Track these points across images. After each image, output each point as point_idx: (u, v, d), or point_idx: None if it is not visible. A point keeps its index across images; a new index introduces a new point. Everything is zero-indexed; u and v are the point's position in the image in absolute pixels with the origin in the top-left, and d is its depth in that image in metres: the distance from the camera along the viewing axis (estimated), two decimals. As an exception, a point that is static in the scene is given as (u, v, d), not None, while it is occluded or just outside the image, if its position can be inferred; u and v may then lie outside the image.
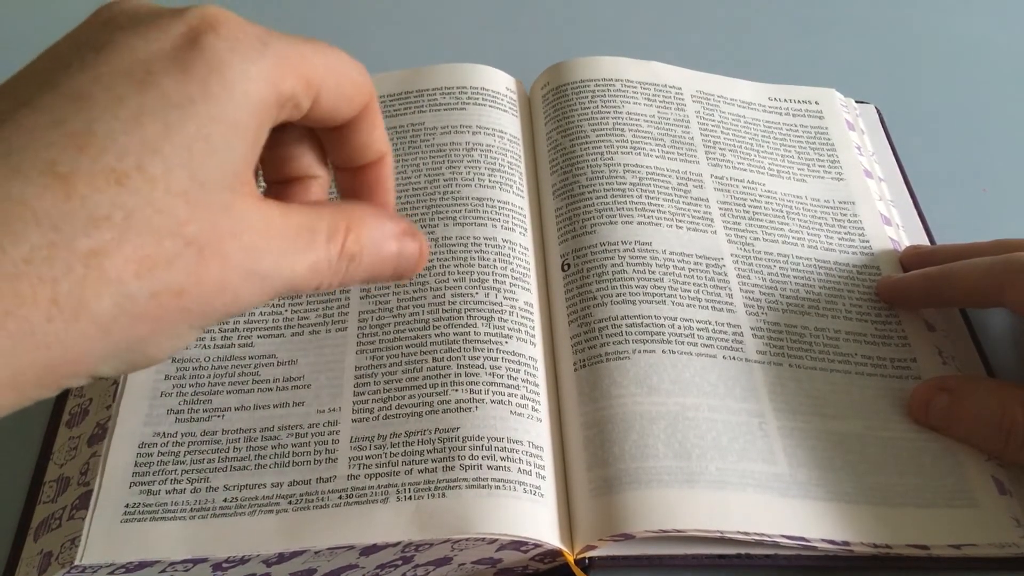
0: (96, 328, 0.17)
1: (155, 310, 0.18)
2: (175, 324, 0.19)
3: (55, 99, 0.18)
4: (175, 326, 0.19)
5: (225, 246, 0.19)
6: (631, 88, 0.40)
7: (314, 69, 0.21)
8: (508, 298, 0.33)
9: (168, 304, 0.18)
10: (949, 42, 0.50)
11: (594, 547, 0.27)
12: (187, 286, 0.18)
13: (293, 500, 0.28)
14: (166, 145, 0.18)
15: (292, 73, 0.20)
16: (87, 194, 0.17)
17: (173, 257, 0.18)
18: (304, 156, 0.24)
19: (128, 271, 0.17)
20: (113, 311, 0.17)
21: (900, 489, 0.29)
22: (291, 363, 0.31)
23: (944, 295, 0.32)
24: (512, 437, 0.29)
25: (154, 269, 0.18)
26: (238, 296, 0.19)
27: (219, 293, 0.19)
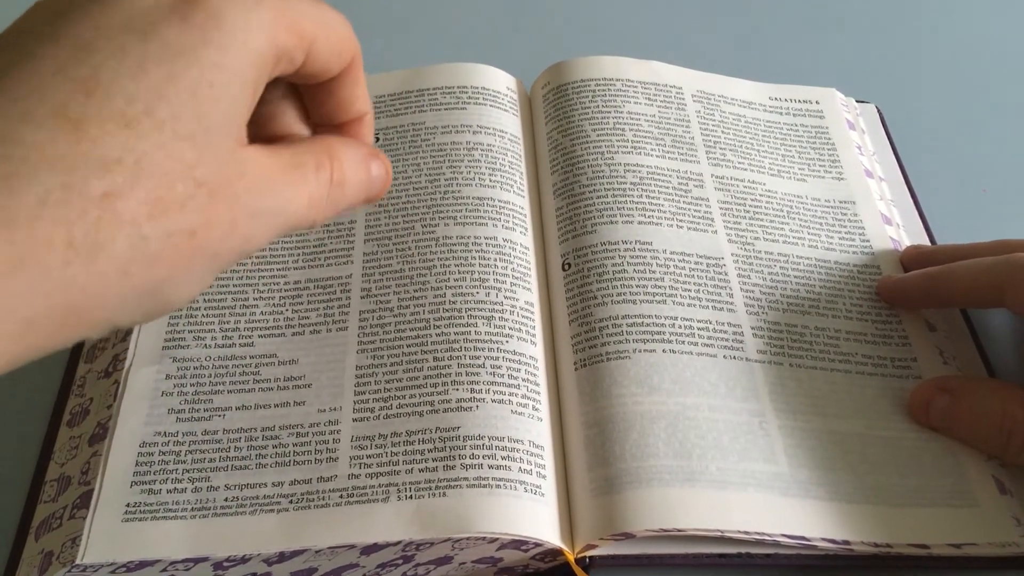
0: (114, 271, 0.17)
1: (170, 252, 0.18)
2: (190, 267, 0.19)
3: (58, 49, 0.18)
4: (190, 269, 0.19)
5: (233, 187, 0.20)
6: (632, 88, 0.41)
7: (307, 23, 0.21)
8: (509, 297, 0.33)
9: (182, 246, 0.19)
10: (949, 42, 0.50)
11: (594, 546, 0.28)
12: (199, 227, 0.19)
13: (294, 499, 0.28)
14: (171, 90, 0.18)
15: (287, 26, 0.20)
16: (98, 137, 0.17)
17: (185, 199, 0.18)
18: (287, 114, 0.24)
19: (142, 213, 0.18)
20: (129, 253, 0.18)
21: (901, 489, 0.29)
22: (292, 362, 0.32)
23: (944, 295, 0.33)
24: (513, 436, 0.29)
25: (167, 211, 0.18)
26: (247, 236, 0.20)
27: (230, 234, 0.20)
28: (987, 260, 0.30)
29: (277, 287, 0.34)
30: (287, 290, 0.34)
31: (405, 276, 0.34)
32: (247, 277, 0.34)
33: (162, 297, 0.19)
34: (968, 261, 0.31)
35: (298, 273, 0.34)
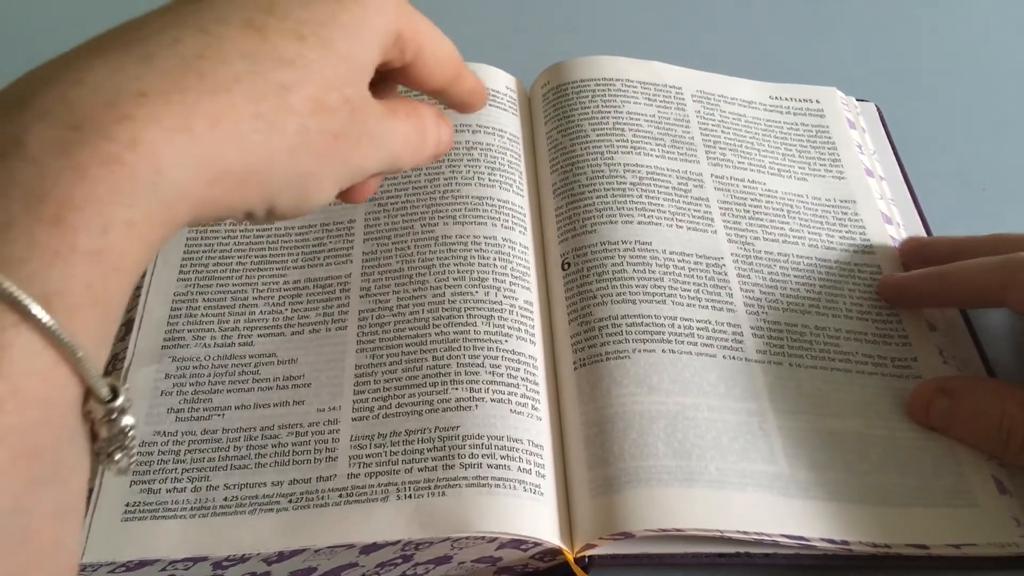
0: (285, 148, 0.22)
1: (321, 145, 0.23)
2: (330, 164, 0.24)
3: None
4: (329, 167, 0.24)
5: (364, 111, 0.24)
6: (631, 88, 0.41)
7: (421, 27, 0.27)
8: (508, 296, 0.33)
9: (328, 144, 0.23)
10: (949, 41, 0.50)
11: (594, 546, 0.28)
12: (340, 133, 0.23)
13: (293, 499, 0.28)
14: (332, 23, 0.23)
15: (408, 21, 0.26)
16: (277, 42, 0.22)
17: (336, 107, 0.23)
18: None
19: (307, 107, 0.22)
20: (296, 137, 0.22)
21: (900, 489, 0.29)
22: (291, 362, 0.32)
23: (945, 295, 0.33)
24: (512, 436, 0.29)
25: (323, 112, 0.23)
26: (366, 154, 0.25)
27: (357, 147, 0.24)
28: (988, 260, 0.30)
29: (276, 286, 0.34)
30: (286, 289, 0.34)
31: (404, 275, 0.34)
32: (246, 277, 0.34)
33: (308, 187, 0.23)
34: (968, 261, 0.31)
35: (297, 272, 0.34)
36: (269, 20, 0.22)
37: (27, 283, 0.17)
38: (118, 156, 0.18)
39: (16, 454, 0.17)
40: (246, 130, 0.21)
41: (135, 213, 0.19)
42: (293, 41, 0.22)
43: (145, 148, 0.19)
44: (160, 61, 0.20)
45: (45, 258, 0.17)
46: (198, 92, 0.20)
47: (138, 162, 0.19)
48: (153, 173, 0.19)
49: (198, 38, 0.21)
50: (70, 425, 0.19)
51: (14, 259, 0.17)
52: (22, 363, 0.17)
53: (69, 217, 0.18)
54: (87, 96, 0.19)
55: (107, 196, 0.18)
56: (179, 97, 0.20)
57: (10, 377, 0.17)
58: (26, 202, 0.18)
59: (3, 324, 0.17)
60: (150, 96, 0.19)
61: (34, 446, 0.17)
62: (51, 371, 0.18)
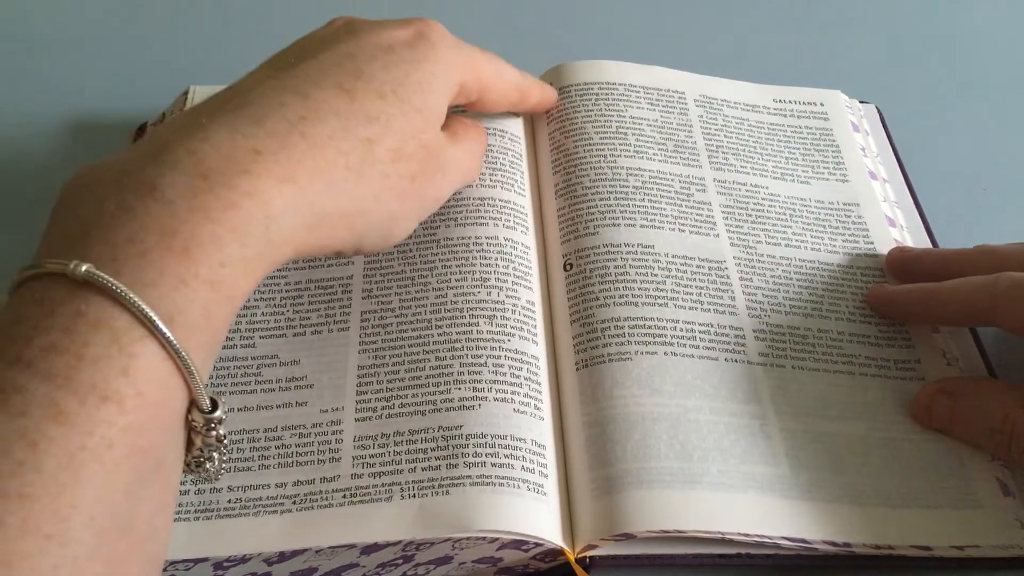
0: (371, 194, 0.26)
1: (400, 188, 0.27)
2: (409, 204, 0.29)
3: (332, 55, 0.28)
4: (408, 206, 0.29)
5: (438, 152, 0.30)
6: (634, 92, 0.41)
7: (485, 72, 0.33)
8: (510, 296, 0.33)
9: (406, 186, 0.28)
10: (950, 42, 0.50)
11: (595, 546, 0.28)
12: (417, 174, 0.28)
13: (297, 500, 0.28)
14: (407, 81, 0.28)
15: (472, 71, 0.32)
16: (363, 101, 0.27)
17: (413, 153, 0.28)
18: None
19: (388, 156, 0.27)
20: (379, 183, 0.27)
21: (903, 491, 0.30)
22: (294, 363, 0.32)
23: (934, 314, 0.33)
24: (515, 435, 0.30)
25: (402, 159, 0.27)
26: (439, 187, 0.31)
27: (431, 182, 0.29)
28: (977, 280, 0.31)
29: (278, 288, 0.34)
30: (288, 291, 0.34)
31: (406, 277, 0.34)
32: (249, 278, 0.35)
33: (392, 225, 0.28)
34: (958, 280, 0.31)
35: (299, 274, 0.35)
36: (357, 84, 0.27)
37: (155, 303, 0.20)
38: (238, 203, 0.22)
39: (132, 449, 0.19)
40: (338, 179, 0.25)
41: (248, 252, 0.22)
42: (376, 100, 0.27)
43: (260, 197, 0.23)
44: (270, 123, 0.24)
45: (171, 283, 0.21)
46: (301, 150, 0.24)
47: (254, 208, 0.22)
48: (265, 218, 0.23)
49: (300, 102, 0.25)
50: (175, 430, 0.22)
51: (146, 282, 0.20)
52: (145, 371, 0.20)
53: (194, 251, 0.21)
54: (211, 152, 0.23)
55: (227, 236, 0.22)
56: (285, 154, 0.24)
57: (135, 381, 0.20)
58: (160, 236, 0.21)
59: (132, 336, 0.20)
60: (263, 153, 0.23)
61: (147, 445, 0.20)
62: (167, 380, 0.20)
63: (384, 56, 0.28)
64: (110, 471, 0.19)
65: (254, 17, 0.51)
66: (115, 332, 0.20)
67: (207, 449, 0.23)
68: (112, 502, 0.19)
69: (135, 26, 0.50)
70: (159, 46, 0.49)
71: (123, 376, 0.19)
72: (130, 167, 0.22)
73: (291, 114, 0.25)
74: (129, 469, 0.19)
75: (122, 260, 0.20)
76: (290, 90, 0.26)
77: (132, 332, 0.20)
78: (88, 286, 0.20)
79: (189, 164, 0.22)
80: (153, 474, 0.20)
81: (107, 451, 0.19)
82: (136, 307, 0.20)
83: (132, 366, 0.20)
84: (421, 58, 0.29)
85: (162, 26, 0.50)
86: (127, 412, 0.19)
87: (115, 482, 0.19)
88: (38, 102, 0.45)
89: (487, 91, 0.33)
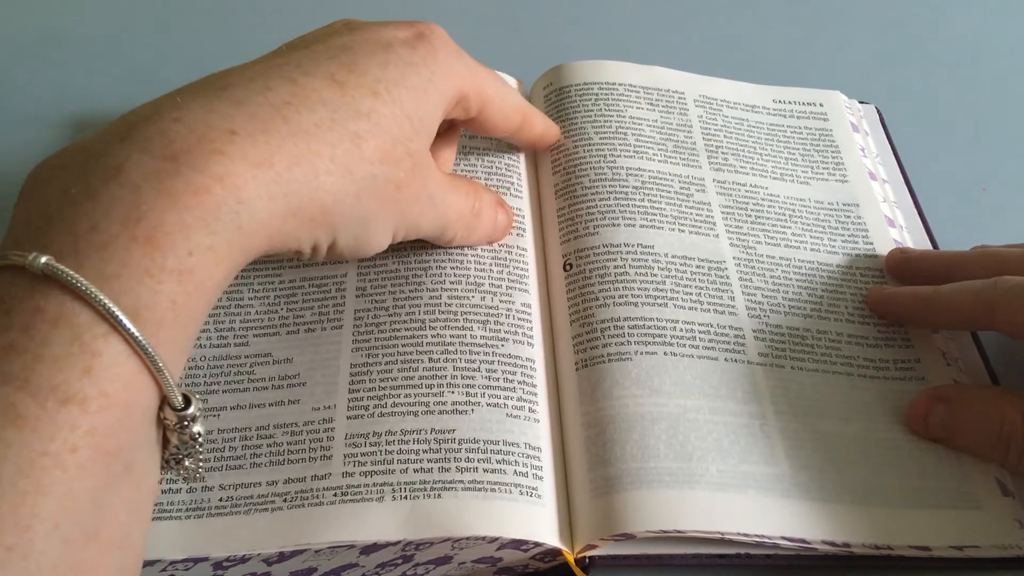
0: (352, 191, 0.25)
1: (384, 193, 0.26)
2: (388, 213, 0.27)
3: (327, 48, 0.27)
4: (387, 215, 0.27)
5: (425, 170, 0.28)
6: (634, 92, 0.42)
7: (487, 87, 0.31)
8: (504, 301, 0.34)
9: (391, 193, 0.27)
10: (950, 42, 0.51)
11: (594, 546, 0.28)
12: (403, 184, 0.27)
13: (288, 498, 0.29)
14: (402, 83, 0.27)
15: (473, 82, 0.31)
16: (355, 96, 0.26)
17: (400, 159, 0.27)
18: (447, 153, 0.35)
19: (376, 156, 0.26)
20: (364, 182, 0.25)
21: (902, 491, 0.30)
22: (287, 361, 0.33)
23: (933, 317, 0.34)
24: (508, 440, 0.30)
25: (389, 162, 0.26)
26: (422, 212, 0.29)
27: (415, 202, 0.28)
28: (976, 284, 0.31)
29: (272, 286, 0.35)
30: (282, 288, 0.35)
31: (400, 276, 0.35)
32: (242, 276, 0.35)
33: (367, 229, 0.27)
34: (957, 284, 0.32)
35: (293, 272, 0.35)
36: (350, 77, 0.26)
37: (119, 297, 0.19)
38: (208, 187, 0.21)
39: (97, 452, 0.19)
40: (321, 171, 0.24)
41: (217, 240, 0.21)
42: (369, 96, 0.26)
43: (232, 181, 0.22)
44: (251, 106, 0.23)
45: (136, 275, 0.20)
46: (282, 135, 0.23)
47: (225, 193, 0.21)
48: (236, 203, 0.22)
49: (287, 87, 0.24)
50: (146, 430, 0.21)
51: (109, 275, 0.19)
52: (109, 369, 0.19)
53: (160, 239, 0.20)
54: (183, 132, 0.22)
55: (195, 223, 0.21)
56: (264, 138, 0.23)
57: (98, 381, 0.19)
58: (123, 223, 0.20)
59: (95, 333, 0.19)
60: (240, 135, 0.22)
61: (113, 446, 0.19)
62: (134, 378, 0.20)
63: (383, 53, 0.27)
64: (74, 477, 0.18)
65: (256, 17, 0.52)
66: (76, 329, 0.19)
67: (183, 447, 0.22)
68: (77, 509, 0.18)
69: (135, 26, 0.51)
70: (159, 46, 0.49)
71: (86, 376, 0.19)
72: (97, 148, 0.21)
73: (275, 98, 0.24)
74: (95, 474, 0.19)
75: (84, 251, 0.19)
76: (277, 76, 0.25)
77: (94, 329, 0.19)
78: (48, 280, 0.19)
79: (158, 145, 0.21)
80: (121, 477, 0.20)
81: (70, 456, 0.18)
82: (98, 302, 0.19)
83: (95, 365, 0.19)
84: (419, 61, 0.28)
85: (163, 26, 0.51)
86: (91, 414, 0.19)
87: (80, 488, 0.18)
88: (38, 102, 0.45)
89: (488, 107, 0.32)
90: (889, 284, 0.37)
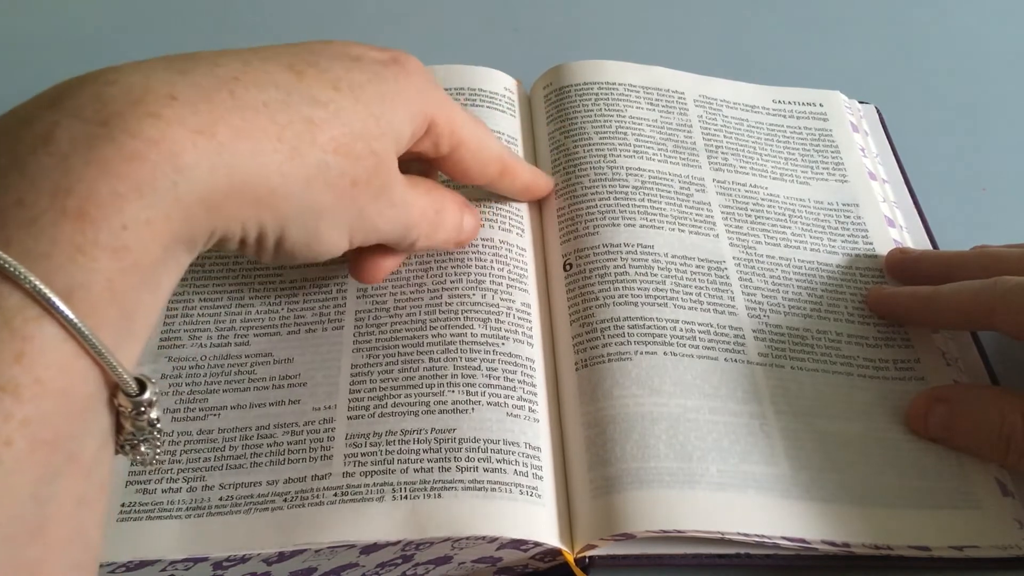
0: (303, 176, 0.24)
1: (339, 186, 0.25)
2: (343, 209, 0.26)
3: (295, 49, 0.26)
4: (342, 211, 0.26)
5: (390, 171, 0.27)
6: (634, 92, 0.42)
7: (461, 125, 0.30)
8: (505, 300, 0.34)
9: (346, 188, 0.25)
10: (950, 42, 0.52)
11: (594, 546, 0.29)
12: (361, 181, 0.25)
13: (288, 498, 0.29)
14: (369, 88, 0.26)
15: (444, 113, 0.29)
16: (313, 84, 0.25)
17: (361, 156, 0.25)
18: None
19: (330, 146, 0.24)
20: (315, 169, 0.24)
21: (902, 491, 0.30)
22: (287, 361, 0.33)
23: (933, 318, 0.34)
24: (508, 439, 0.30)
25: (346, 155, 0.25)
26: (380, 212, 0.27)
27: (374, 201, 0.26)
28: (976, 284, 0.31)
29: (273, 286, 0.35)
30: (283, 288, 0.35)
31: (401, 277, 0.35)
32: (243, 276, 0.35)
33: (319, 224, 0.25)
34: (957, 284, 0.32)
35: (294, 272, 0.36)
36: (310, 70, 0.25)
37: (50, 277, 0.18)
38: (141, 153, 0.20)
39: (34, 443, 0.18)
40: (267, 149, 0.22)
41: (154, 212, 0.20)
42: (328, 88, 0.25)
43: (167, 147, 0.20)
44: (196, 76, 0.22)
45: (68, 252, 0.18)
46: (227, 107, 0.22)
47: (160, 160, 0.20)
48: (173, 172, 0.20)
49: (239, 66, 0.23)
50: (91, 417, 0.20)
51: (38, 253, 0.18)
52: (43, 355, 0.18)
53: (91, 212, 0.19)
54: (118, 95, 0.20)
55: (129, 193, 0.19)
56: (207, 107, 0.21)
57: (31, 368, 0.18)
58: (52, 196, 0.19)
59: (26, 316, 0.18)
60: (179, 100, 0.21)
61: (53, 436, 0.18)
62: (71, 363, 0.19)
63: (351, 62, 0.26)
64: (10, 470, 0.17)
65: (258, 17, 0.52)
66: (6, 313, 0.18)
67: (140, 433, 0.21)
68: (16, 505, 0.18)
69: (136, 26, 0.51)
70: (159, 46, 0.49)
71: (17, 363, 0.18)
72: (28, 115, 0.20)
73: (223, 73, 0.23)
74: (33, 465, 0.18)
75: (12, 227, 0.18)
76: (232, 56, 0.24)
77: (26, 312, 0.18)
78: None
79: (91, 110, 0.20)
80: (65, 467, 0.19)
81: (5, 449, 0.17)
82: (28, 283, 0.18)
83: (27, 350, 0.18)
84: (390, 76, 0.27)
85: (163, 26, 0.51)
86: (24, 402, 0.17)
87: (18, 482, 0.18)
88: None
89: (461, 148, 0.30)
90: (889, 284, 0.37)
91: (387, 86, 0.27)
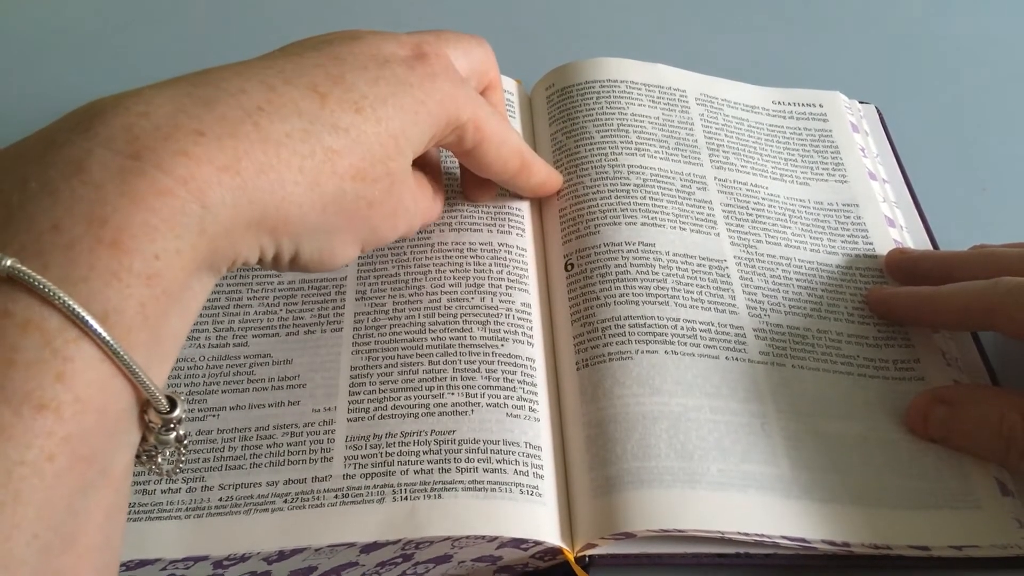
0: (319, 204, 0.25)
1: (353, 209, 0.26)
2: (357, 228, 0.27)
3: (318, 56, 0.27)
4: (355, 230, 0.27)
5: (404, 185, 0.28)
6: (635, 90, 0.43)
7: (486, 121, 0.31)
8: (504, 301, 0.35)
9: (361, 210, 0.27)
10: (950, 42, 0.52)
11: (595, 545, 0.29)
12: (375, 202, 0.27)
13: (288, 499, 0.29)
14: (391, 102, 0.27)
15: (471, 112, 0.30)
16: (335, 109, 0.25)
17: (377, 178, 0.27)
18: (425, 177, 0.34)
19: (348, 173, 0.25)
20: (332, 196, 0.25)
21: (902, 490, 0.31)
22: (286, 362, 0.33)
23: (933, 318, 0.34)
24: (508, 439, 0.31)
25: (363, 180, 0.26)
26: (394, 226, 0.29)
27: (389, 217, 0.28)
28: (976, 285, 0.32)
29: (271, 287, 0.36)
30: (281, 290, 0.35)
31: (400, 280, 0.35)
32: (240, 277, 0.36)
33: (332, 242, 0.27)
34: (956, 285, 0.33)
35: (292, 273, 0.36)
36: (334, 89, 0.26)
37: (87, 301, 0.19)
38: (172, 190, 0.21)
39: (73, 459, 0.19)
40: (288, 181, 0.24)
41: (183, 243, 0.21)
42: (351, 112, 0.26)
43: (195, 185, 0.21)
44: (221, 107, 0.23)
45: (104, 278, 0.20)
46: (251, 140, 0.23)
47: (189, 198, 0.21)
48: (200, 208, 0.22)
49: (263, 93, 0.24)
50: (123, 433, 0.21)
51: (76, 278, 0.19)
52: (82, 375, 0.19)
53: (126, 242, 0.20)
54: (149, 129, 0.22)
55: (160, 225, 0.21)
56: (232, 143, 0.23)
57: (72, 387, 0.19)
58: (88, 223, 0.20)
59: (66, 338, 0.19)
60: (207, 136, 0.22)
61: (90, 452, 0.19)
62: (107, 382, 0.20)
63: (375, 69, 0.27)
64: (51, 485, 0.18)
65: (258, 18, 0.52)
66: (47, 334, 0.19)
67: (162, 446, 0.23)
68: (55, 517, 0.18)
69: (136, 26, 0.51)
70: (160, 47, 0.50)
71: (59, 382, 0.19)
72: (58, 139, 0.21)
73: (248, 102, 0.24)
74: (72, 480, 0.19)
75: (48, 252, 0.19)
76: (256, 80, 0.25)
77: (65, 334, 0.19)
78: (14, 283, 0.19)
79: (122, 141, 0.21)
80: (99, 482, 0.20)
81: (47, 464, 0.18)
82: (67, 306, 0.19)
83: (67, 370, 0.19)
84: (415, 82, 0.28)
85: (163, 26, 0.51)
86: (66, 420, 0.19)
87: (57, 496, 0.18)
88: (38, 102, 0.46)
89: (485, 143, 0.32)
90: (889, 284, 0.37)
91: (411, 97, 0.27)
